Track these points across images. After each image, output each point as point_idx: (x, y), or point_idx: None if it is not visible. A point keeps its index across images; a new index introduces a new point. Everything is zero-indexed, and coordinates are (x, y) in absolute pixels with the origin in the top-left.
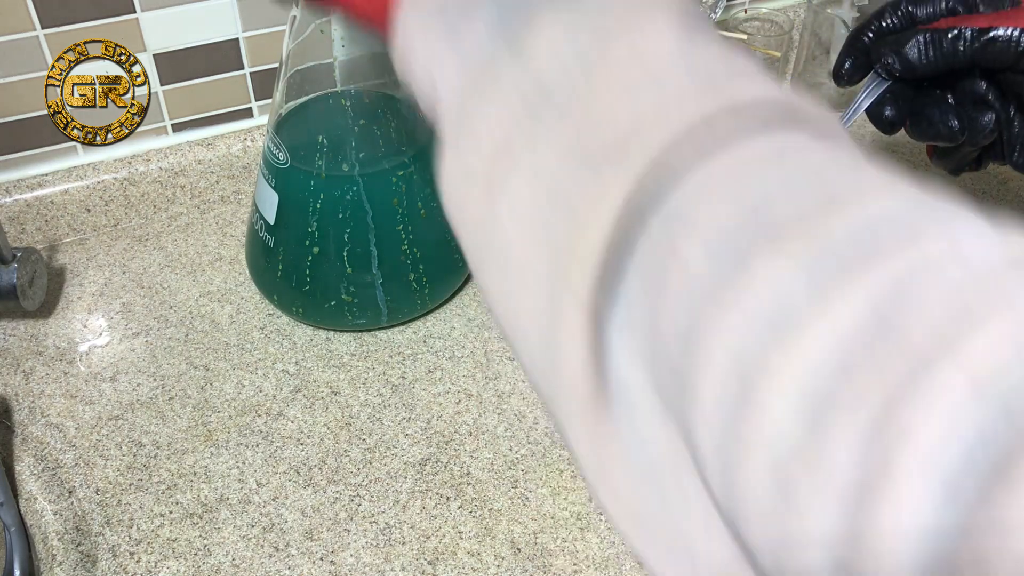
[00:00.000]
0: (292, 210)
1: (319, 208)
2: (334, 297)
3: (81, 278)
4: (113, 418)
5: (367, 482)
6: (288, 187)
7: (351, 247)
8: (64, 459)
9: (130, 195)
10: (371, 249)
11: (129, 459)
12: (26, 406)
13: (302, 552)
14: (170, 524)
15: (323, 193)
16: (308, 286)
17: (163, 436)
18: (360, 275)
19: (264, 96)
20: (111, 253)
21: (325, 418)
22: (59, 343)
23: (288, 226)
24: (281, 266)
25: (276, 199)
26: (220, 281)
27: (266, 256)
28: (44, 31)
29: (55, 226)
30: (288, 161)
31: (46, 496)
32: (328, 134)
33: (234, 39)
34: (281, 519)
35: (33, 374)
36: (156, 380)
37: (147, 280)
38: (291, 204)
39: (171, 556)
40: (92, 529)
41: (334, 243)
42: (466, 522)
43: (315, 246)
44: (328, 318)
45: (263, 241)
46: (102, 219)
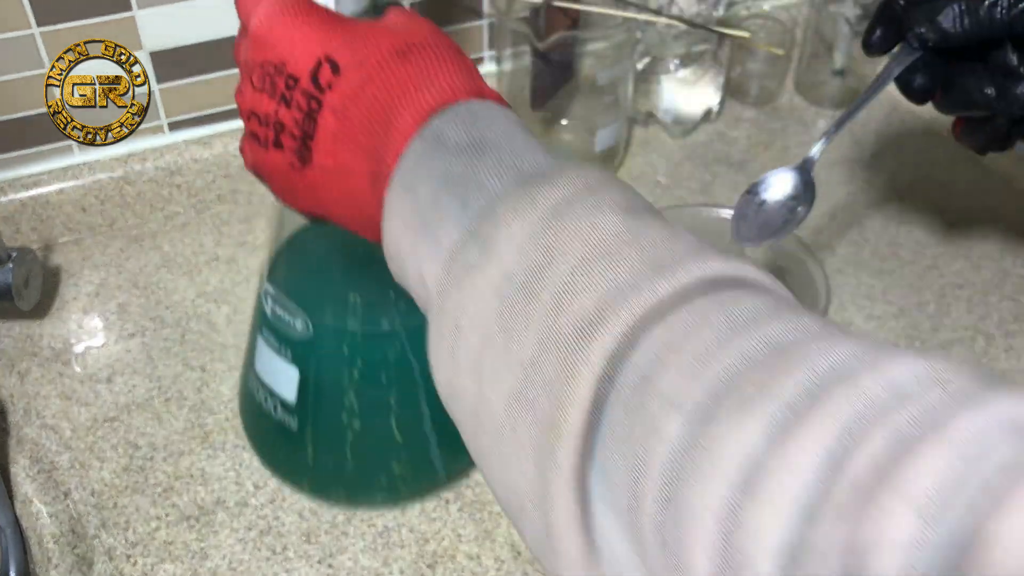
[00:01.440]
0: (321, 386)
1: (356, 377)
2: (383, 471)
3: (77, 278)
4: (109, 420)
5: None
6: (313, 360)
7: (399, 411)
8: (60, 461)
9: (126, 195)
10: (422, 409)
11: (125, 461)
12: (21, 407)
13: (300, 555)
14: (167, 527)
15: (361, 358)
16: (350, 467)
17: (159, 438)
18: (412, 440)
19: None
20: (107, 253)
21: None
22: (54, 344)
23: (316, 404)
24: (312, 451)
25: (296, 374)
26: (217, 281)
27: (288, 442)
28: (40, 28)
29: (50, 226)
30: (310, 329)
31: (41, 498)
32: (359, 288)
33: (232, 37)
34: (278, 522)
35: (28, 375)
36: (152, 381)
37: (143, 280)
38: (319, 379)
39: (168, 559)
40: (88, 532)
41: (379, 413)
42: (465, 525)
43: (355, 420)
44: (379, 495)
45: (281, 424)
46: (98, 219)
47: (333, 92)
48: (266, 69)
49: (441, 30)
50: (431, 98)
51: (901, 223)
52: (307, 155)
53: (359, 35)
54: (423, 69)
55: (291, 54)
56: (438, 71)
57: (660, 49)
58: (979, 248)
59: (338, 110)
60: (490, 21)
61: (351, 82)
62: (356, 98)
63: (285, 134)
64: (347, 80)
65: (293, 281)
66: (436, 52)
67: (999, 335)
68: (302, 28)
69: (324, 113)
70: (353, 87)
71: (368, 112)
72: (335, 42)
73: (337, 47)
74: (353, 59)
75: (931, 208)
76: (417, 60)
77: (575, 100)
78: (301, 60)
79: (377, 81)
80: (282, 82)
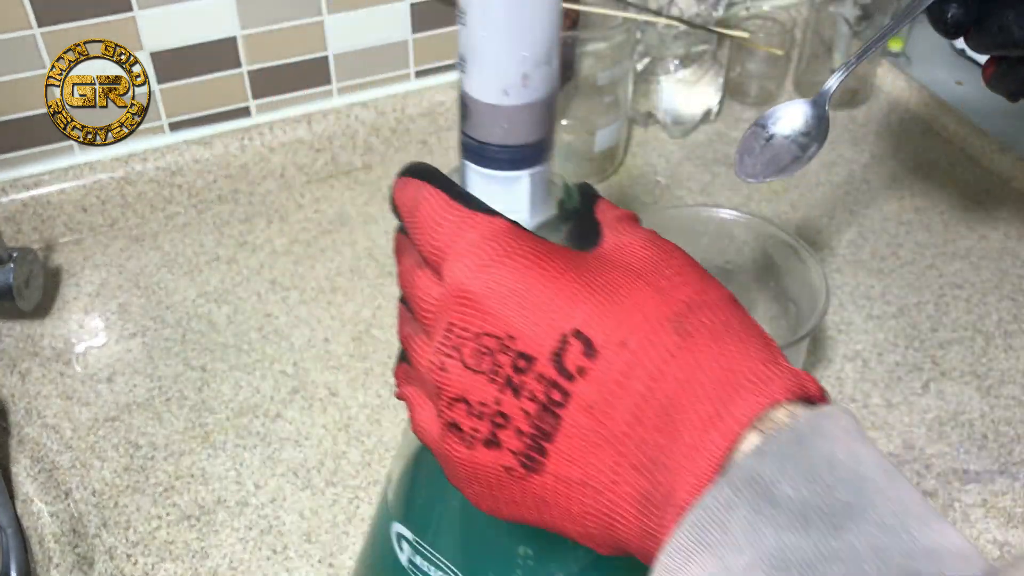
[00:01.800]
0: None
1: None
2: None
3: (78, 278)
4: (110, 419)
5: (366, 484)
6: None
7: None
8: (61, 460)
9: (127, 195)
10: None
11: (126, 461)
12: (22, 407)
13: (300, 555)
14: (167, 526)
15: None
16: None
17: (160, 438)
18: None
19: (262, 95)
20: (108, 253)
21: (323, 419)
22: (55, 344)
23: None
24: None
25: None
26: (217, 281)
27: None
28: (41, 29)
29: (51, 226)
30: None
31: (42, 498)
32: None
33: (232, 37)
34: (279, 521)
35: (29, 375)
36: (153, 381)
37: (144, 280)
38: None
39: (168, 558)
40: (89, 531)
41: None
42: None
43: None
44: None
45: None
46: (99, 219)
47: (586, 381)
48: (484, 343)
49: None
50: (738, 408)
51: (901, 223)
52: (538, 460)
53: (612, 294)
54: (713, 351)
55: (523, 324)
56: (734, 353)
57: (660, 49)
58: (978, 248)
59: (594, 407)
60: None
61: (612, 368)
62: (620, 392)
63: (507, 430)
64: (606, 365)
65: (437, 522)
66: (719, 315)
67: (998, 335)
68: (535, 285)
69: (571, 408)
70: (615, 376)
71: (638, 414)
72: (584, 308)
73: (587, 316)
74: (612, 335)
75: (931, 208)
76: (701, 335)
77: (575, 100)
78: (538, 333)
79: (650, 369)
80: (508, 361)
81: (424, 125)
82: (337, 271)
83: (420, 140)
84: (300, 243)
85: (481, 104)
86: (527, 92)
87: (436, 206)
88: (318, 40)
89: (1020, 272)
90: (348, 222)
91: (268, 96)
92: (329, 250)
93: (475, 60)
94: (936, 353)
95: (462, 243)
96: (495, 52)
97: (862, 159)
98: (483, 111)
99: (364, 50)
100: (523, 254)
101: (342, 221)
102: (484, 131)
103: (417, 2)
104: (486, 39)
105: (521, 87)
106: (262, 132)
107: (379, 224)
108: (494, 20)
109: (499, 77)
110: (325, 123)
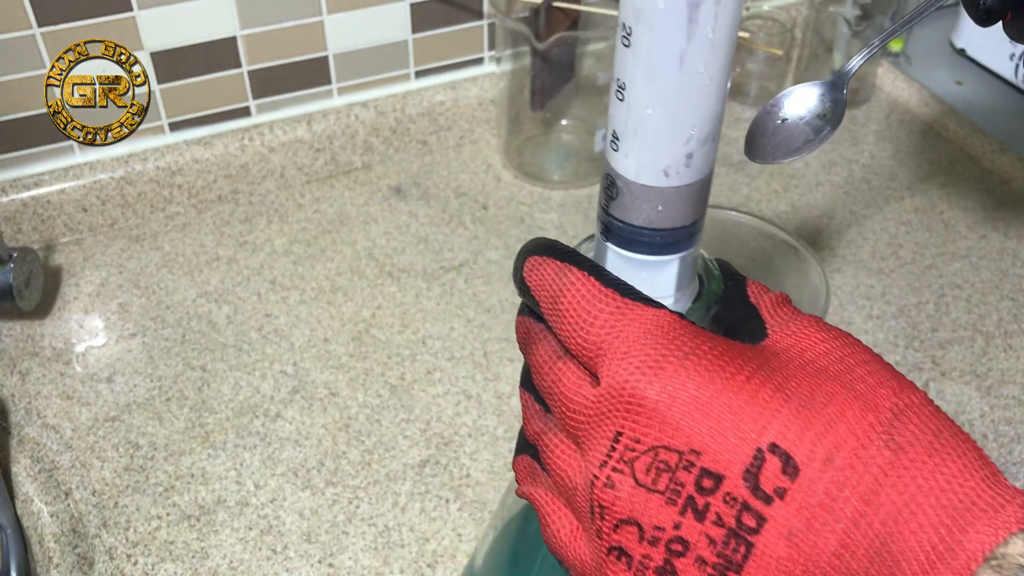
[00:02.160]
0: None
1: None
2: None
3: (78, 278)
4: (110, 419)
5: (366, 484)
6: None
7: None
8: (61, 460)
9: (127, 195)
10: None
11: (126, 461)
12: (22, 407)
13: (300, 555)
14: (167, 526)
15: None
16: None
17: (160, 437)
18: None
19: (262, 95)
20: (108, 253)
21: (323, 419)
22: (55, 344)
23: None
24: None
25: None
26: (217, 281)
27: None
28: (41, 29)
29: (52, 226)
30: None
31: (42, 498)
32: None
33: (232, 37)
34: (279, 521)
35: (29, 375)
36: (153, 381)
37: (144, 280)
38: None
39: (168, 558)
40: (89, 531)
41: None
42: (465, 524)
43: None
44: None
45: None
46: (99, 219)
47: (785, 503)
48: (661, 458)
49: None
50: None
51: (901, 223)
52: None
53: (808, 401)
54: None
55: (709, 437)
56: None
57: None
58: (978, 248)
59: (794, 534)
60: (490, 21)
61: (816, 489)
62: (826, 517)
63: (685, 558)
64: (809, 485)
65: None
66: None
67: (998, 335)
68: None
69: (766, 535)
70: (820, 498)
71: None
72: (779, 418)
73: (784, 428)
74: (815, 450)
75: (931, 208)
76: (915, 449)
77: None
78: (727, 448)
79: (861, 491)
80: (690, 480)
81: (424, 125)
82: (337, 271)
83: (420, 140)
84: (300, 243)
85: (636, 186)
86: (689, 172)
87: (587, 295)
88: (318, 40)
89: (1020, 272)
90: (348, 222)
91: (268, 96)
92: (329, 250)
93: (633, 138)
94: (936, 353)
95: (623, 339)
96: (659, 130)
97: (862, 159)
98: (638, 193)
99: (364, 50)
100: (700, 354)
101: (342, 221)
102: (636, 214)
103: (417, 2)
104: (650, 117)
105: (684, 167)
106: (262, 132)
107: (379, 224)
108: (663, 96)
109: (661, 157)
110: (325, 123)
